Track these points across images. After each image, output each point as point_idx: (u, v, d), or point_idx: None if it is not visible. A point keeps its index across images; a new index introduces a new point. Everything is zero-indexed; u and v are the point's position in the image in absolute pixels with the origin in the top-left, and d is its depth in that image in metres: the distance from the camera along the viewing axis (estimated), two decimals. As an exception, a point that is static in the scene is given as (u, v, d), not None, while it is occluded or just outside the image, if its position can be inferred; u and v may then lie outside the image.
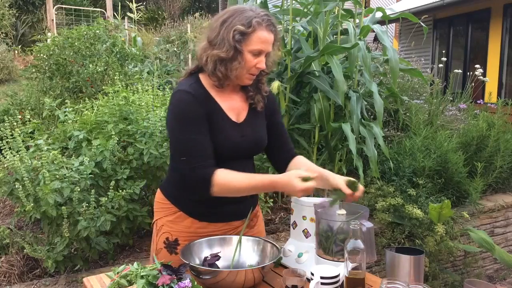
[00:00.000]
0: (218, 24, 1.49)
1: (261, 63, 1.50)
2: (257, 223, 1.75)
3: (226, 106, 1.57)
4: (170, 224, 1.63)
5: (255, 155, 1.72)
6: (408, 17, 3.57)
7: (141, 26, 11.49)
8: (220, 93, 1.57)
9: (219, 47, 1.47)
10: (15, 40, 11.57)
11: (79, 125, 3.07)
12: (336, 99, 3.26)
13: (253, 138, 1.61)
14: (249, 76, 1.54)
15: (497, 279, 4.00)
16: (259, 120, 1.65)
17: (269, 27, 1.48)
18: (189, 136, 1.48)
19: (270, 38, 1.49)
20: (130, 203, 2.79)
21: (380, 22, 4.42)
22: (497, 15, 8.23)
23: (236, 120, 1.58)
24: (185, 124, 1.49)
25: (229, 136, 1.54)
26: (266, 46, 1.49)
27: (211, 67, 1.50)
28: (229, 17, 1.48)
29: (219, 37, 1.47)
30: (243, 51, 1.47)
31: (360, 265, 1.30)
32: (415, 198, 3.43)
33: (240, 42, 1.45)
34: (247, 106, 1.63)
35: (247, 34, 1.45)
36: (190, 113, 1.49)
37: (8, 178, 2.65)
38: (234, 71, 1.49)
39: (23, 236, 2.83)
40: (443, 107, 4.84)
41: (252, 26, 1.44)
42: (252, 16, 1.46)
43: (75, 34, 4.96)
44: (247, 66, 1.49)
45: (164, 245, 1.63)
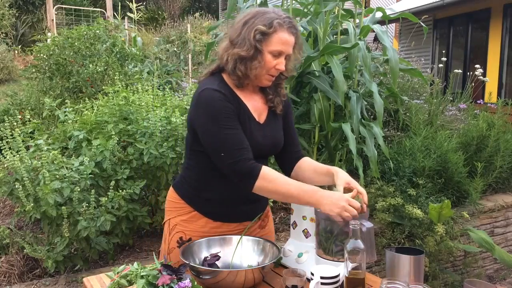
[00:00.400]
0: (240, 24, 1.51)
1: (281, 64, 1.51)
2: (268, 223, 1.76)
3: (251, 106, 1.59)
4: (184, 223, 1.63)
5: (271, 155, 1.74)
6: (408, 17, 3.57)
7: (141, 26, 11.50)
8: (243, 93, 1.58)
9: (240, 46, 1.49)
10: (15, 40, 11.57)
11: (79, 125, 3.07)
12: (336, 99, 3.26)
13: (272, 139, 1.63)
14: (268, 77, 1.55)
15: (497, 279, 4.00)
16: (278, 122, 1.67)
17: (290, 29, 1.49)
18: (227, 131, 1.47)
19: (291, 40, 1.50)
20: (130, 203, 2.79)
21: (380, 22, 4.42)
22: (497, 15, 8.23)
23: (259, 121, 1.60)
24: (220, 121, 1.47)
25: (254, 136, 1.55)
26: (286, 47, 1.50)
27: (231, 66, 1.52)
28: (251, 18, 1.50)
29: (241, 37, 1.49)
30: (263, 51, 1.48)
31: (360, 265, 1.30)
32: (415, 198, 3.43)
33: (261, 42, 1.47)
34: (267, 108, 1.64)
35: (267, 34, 1.47)
36: (223, 109, 1.48)
37: (8, 178, 2.65)
38: (254, 70, 1.50)
39: (23, 236, 2.83)
40: (443, 107, 4.84)
41: (273, 27, 1.46)
42: (274, 17, 1.47)
43: (75, 34, 4.96)
44: (266, 66, 1.50)
45: (178, 245, 1.63)
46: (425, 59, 8.11)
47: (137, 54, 5.46)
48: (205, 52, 4.31)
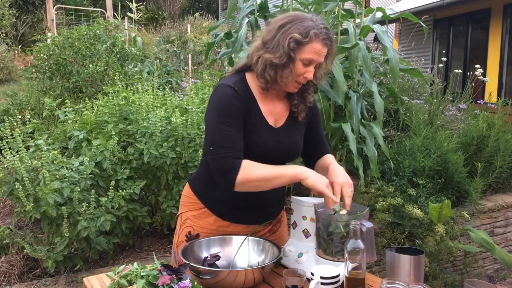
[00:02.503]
0: (275, 27, 1.48)
1: (310, 73, 1.49)
2: (280, 229, 1.75)
3: (266, 110, 1.57)
4: (194, 219, 1.65)
5: (289, 161, 1.70)
6: (408, 17, 3.57)
7: (141, 26, 11.49)
8: (263, 96, 1.56)
9: (273, 52, 1.46)
10: (15, 40, 11.56)
11: (79, 125, 3.07)
12: (336, 99, 3.26)
13: (288, 145, 1.60)
14: (296, 84, 1.53)
15: (497, 279, 4.00)
16: (297, 128, 1.64)
17: (325, 40, 1.46)
18: (222, 127, 1.47)
19: (323, 51, 1.47)
20: (130, 203, 2.79)
21: (380, 22, 4.43)
22: (497, 15, 8.23)
23: (274, 125, 1.58)
24: (221, 115, 1.48)
25: (263, 139, 1.54)
26: (318, 57, 1.47)
27: (260, 69, 1.50)
28: (288, 23, 1.46)
29: (275, 41, 1.46)
30: (296, 59, 1.46)
31: (360, 265, 1.30)
32: (415, 198, 3.43)
33: (294, 50, 1.44)
34: (288, 113, 1.62)
35: (302, 44, 1.44)
36: (229, 106, 1.48)
37: (8, 178, 2.65)
38: (285, 78, 1.49)
39: (23, 236, 2.83)
40: (443, 107, 4.84)
41: (309, 37, 1.43)
42: (311, 26, 1.44)
43: (75, 34, 4.96)
44: (296, 73, 1.48)
45: (186, 238, 1.65)
46: (425, 59, 8.11)
47: (137, 54, 5.47)
48: (205, 52, 4.31)
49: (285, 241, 1.77)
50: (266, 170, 1.45)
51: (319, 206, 1.54)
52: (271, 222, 1.70)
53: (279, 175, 1.45)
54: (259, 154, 1.53)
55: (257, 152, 1.53)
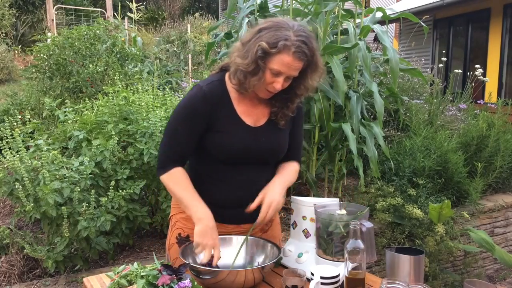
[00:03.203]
0: (255, 30, 1.46)
1: (277, 83, 1.45)
2: (271, 228, 1.74)
3: (242, 109, 1.56)
4: (183, 221, 1.64)
5: (273, 162, 1.67)
6: (408, 17, 3.57)
7: (141, 26, 11.49)
8: (241, 96, 1.56)
9: (244, 57, 1.44)
10: (15, 40, 11.56)
11: (79, 125, 3.07)
12: (336, 99, 3.26)
13: (269, 145, 1.58)
14: (267, 93, 1.51)
15: (497, 279, 4.00)
16: (279, 128, 1.61)
17: (297, 54, 1.40)
18: (177, 126, 1.54)
19: (294, 65, 1.42)
20: (130, 203, 2.79)
21: (380, 22, 4.42)
22: (497, 15, 8.23)
23: (252, 124, 1.57)
24: (181, 115, 1.54)
25: (240, 139, 1.53)
26: (286, 69, 1.42)
27: (232, 71, 1.50)
28: (265, 28, 1.43)
29: (248, 46, 1.44)
30: (264, 67, 1.43)
31: (360, 265, 1.30)
32: (415, 198, 3.43)
33: (262, 59, 1.41)
34: (269, 116, 1.60)
35: (269, 54, 1.40)
36: (190, 108, 1.52)
37: (8, 178, 2.65)
38: (252, 85, 1.47)
39: (23, 236, 2.83)
40: (443, 107, 4.85)
41: (277, 48, 1.39)
42: (283, 37, 1.39)
43: (75, 34, 4.95)
44: (265, 82, 1.46)
45: (176, 241, 1.65)
46: (425, 59, 8.11)
47: (137, 54, 5.46)
48: (205, 52, 4.31)
49: (278, 240, 1.77)
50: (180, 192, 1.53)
51: (319, 206, 1.54)
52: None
53: (184, 205, 1.53)
54: (238, 153, 1.54)
55: (235, 151, 1.53)
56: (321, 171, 3.90)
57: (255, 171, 1.58)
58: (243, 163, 1.56)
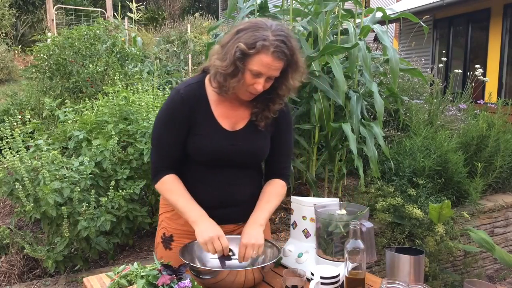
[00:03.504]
0: (233, 32, 1.44)
1: (258, 85, 1.43)
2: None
3: (221, 113, 1.55)
4: (168, 220, 1.66)
5: (254, 165, 1.65)
6: (408, 17, 3.57)
7: (141, 26, 11.49)
8: (220, 98, 1.54)
9: (223, 59, 1.43)
10: (15, 40, 11.56)
11: (79, 125, 3.07)
12: (336, 99, 3.26)
13: (247, 148, 1.56)
14: (249, 94, 1.49)
15: (497, 279, 4.00)
16: (259, 132, 1.58)
17: (276, 53, 1.38)
18: (160, 132, 1.56)
19: (274, 64, 1.40)
20: (130, 203, 2.79)
21: (380, 22, 4.42)
22: (497, 15, 8.23)
23: (230, 128, 1.55)
24: (162, 121, 1.56)
25: (215, 143, 1.52)
26: (266, 70, 1.41)
27: (212, 73, 1.49)
28: (244, 29, 1.42)
29: (226, 47, 1.43)
30: (244, 68, 1.41)
31: (360, 265, 1.30)
32: (415, 198, 3.43)
33: (241, 60, 1.40)
34: (249, 118, 1.58)
35: (248, 55, 1.39)
36: (170, 113, 1.54)
37: (8, 178, 2.65)
38: (232, 88, 1.46)
39: (23, 236, 2.83)
40: (443, 107, 4.85)
41: (255, 48, 1.37)
42: (261, 37, 1.38)
43: (75, 34, 4.95)
44: (245, 83, 1.44)
45: (161, 240, 1.66)
46: (425, 59, 8.10)
47: (137, 54, 5.46)
48: (205, 52, 4.31)
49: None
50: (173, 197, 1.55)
51: (319, 206, 1.54)
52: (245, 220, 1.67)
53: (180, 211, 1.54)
54: (214, 157, 1.54)
55: (211, 155, 1.53)
56: (321, 171, 3.90)
57: (235, 173, 1.57)
58: (222, 166, 1.56)
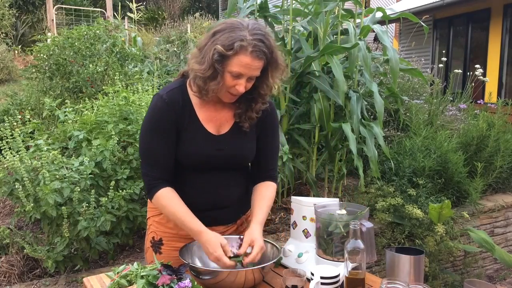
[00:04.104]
0: (210, 34, 1.42)
1: (240, 86, 1.41)
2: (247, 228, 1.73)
3: (205, 117, 1.53)
4: (156, 224, 1.64)
5: (242, 167, 1.64)
6: (408, 17, 3.57)
7: (141, 26, 11.49)
8: (203, 102, 1.52)
9: (201, 63, 1.40)
10: (15, 40, 11.56)
11: (79, 125, 3.07)
12: (336, 99, 3.26)
13: (232, 153, 1.55)
14: (229, 95, 1.47)
15: (497, 279, 4.00)
16: (244, 135, 1.57)
17: (256, 53, 1.36)
18: (149, 142, 1.51)
19: (254, 64, 1.38)
20: (130, 203, 2.79)
21: (380, 22, 4.42)
22: (497, 15, 8.23)
23: (216, 132, 1.54)
24: (149, 130, 1.51)
25: (201, 148, 1.51)
26: (247, 70, 1.39)
27: (191, 77, 1.46)
28: (220, 31, 1.39)
29: (204, 50, 1.41)
30: (223, 71, 1.39)
31: (360, 265, 1.30)
32: (415, 198, 3.43)
33: (220, 62, 1.37)
34: (234, 120, 1.56)
35: (226, 57, 1.37)
36: (156, 121, 1.49)
37: (8, 178, 2.65)
38: (212, 90, 1.43)
39: (23, 236, 2.83)
40: (443, 107, 4.85)
41: (233, 49, 1.35)
42: (238, 38, 1.35)
43: (75, 34, 4.95)
44: (226, 85, 1.42)
45: (150, 244, 1.65)
46: (425, 59, 8.11)
47: (137, 54, 5.46)
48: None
49: None
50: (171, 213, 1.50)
51: (319, 206, 1.54)
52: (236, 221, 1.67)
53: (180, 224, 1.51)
54: (200, 162, 1.53)
55: (198, 160, 1.52)
56: (321, 171, 3.90)
57: (222, 176, 1.57)
58: (210, 169, 1.55)
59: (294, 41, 3.57)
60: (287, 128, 3.46)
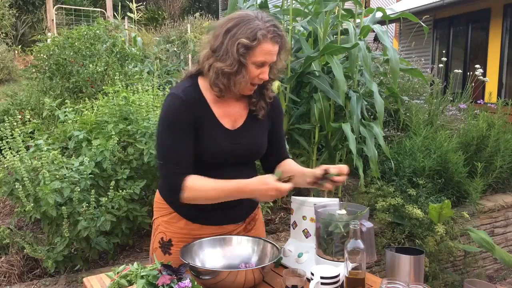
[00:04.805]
0: (222, 32, 1.44)
1: (264, 74, 1.47)
2: (255, 227, 1.73)
3: (221, 113, 1.54)
4: (165, 224, 1.63)
5: (253, 161, 1.68)
6: (408, 17, 3.57)
7: (141, 26, 11.48)
8: (216, 99, 1.54)
9: (223, 60, 1.43)
10: (15, 40, 11.56)
11: (79, 125, 3.07)
12: (337, 99, 3.26)
13: (248, 146, 1.58)
14: (251, 87, 1.51)
15: (497, 279, 4.00)
16: (258, 127, 1.61)
17: (275, 38, 1.43)
18: (169, 142, 1.49)
19: (274, 50, 1.45)
20: (130, 203, 2.79)
21: (380, 22, 4.42)
22: (497, 15, 8.23)
23: (231, 127, 1.55)
24: (168, 130, 1.49)
25: (219, 143, 1.52)
26: (270, 57, 1.45)
27: (213, 78, 1.47)
28: (234, 26, 1.42)
29: (223, 49, 1.43)
30: (247, 63, 1.43)
31: (360, 265, 1.30)
32: (415, 198, 3.43)
33: (245, 55, 1.41)
34: (247, 112, 1.59)
35: (251, 48, 1.41)
36: (176, 120, 1.48)
37: (8, 178, 2.65)
38: (238, 84, 1.47)
39: (23, 236, 2.83)
40: (443, 107, 4.85)
41: (257, 39, 1.40)
42: (257, 27, 1.40)
43: (75, 34, 4.96)
44: (250, 77, 1.46)
45: (159, 245, 1.64)
46: (425, 59, 8.11)
47: (137, 54, 5.46)
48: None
49: None
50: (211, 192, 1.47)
51: (319, 206, 1.54)
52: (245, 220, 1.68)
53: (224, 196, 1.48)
54: (218, 158, 1.53)
55: (215, 157, 1.52)
56: (321, 171, 3.89)
57: (235, 172, 1.56)
58: (223, 165, 1.55)
59: (294, 41, 3.57)
60: (287, 128, 3.46)
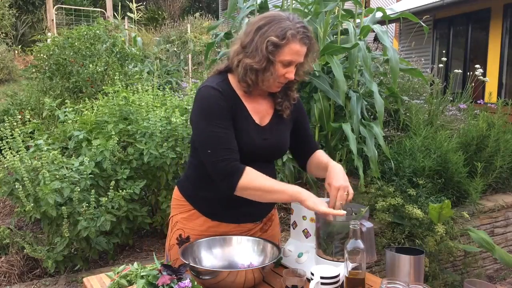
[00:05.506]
0: (253, 30, 1.48)
1: (290, 73, 1.50)
2: (271, 227, 1.74)
3: (252, 108, 1.58)
4: (184, 221, 1.64)
5: (275, 159, 1.73)
6: (408, 17, 3.57)
7: (141, 26, 11.49)
8: (246, 95, 1.57)
9: (252, 56, 1.47)
10: (15, 40, 11.55)
11: (79, 125, 3.07)
12: (337, 99, 3.26)
13: (275, 143, 1.61)
14: (278, 85, 1.54)
15: (497, 279, 4.00)
16: (282, 126, 1.65)
17: (303, 39, 1.47)
18: (214, 129, 1.47)
19: (302, 50, 1.48)
20: (130, 203, 2.79)
21: (380, 22, 4.42)
22: (497, 15, 8.23)
23: (259, 123, 1.59)
24: (210, 118, 1.48)
25: (251, 138, 1.54)
26: (297, 57, 1.48)
27: (241, 73, 1.50)
28: (265, 24, 1.47)
29: (253, 45, 1.47)
30: (275, 61, 1.47)
31: (360, 265, 1.30)
32: (415, 198, 3.43)
33: (273, 53, 1.45)
34: (272, 111, 1.63)
35: (280, 46, 1.45)
36: (216, 107, 1.49)
37: (8, 178, 2.65)
38: (266, 81, 1.51)
39: (23, 236, 2.83)
40: (443, 107, 4.85)
41: (286, 38, 1.44)
42: (288, 27, 1.45)
43: (75, 34, 4.96)
44: (277, 75, 1.50)
45: (177, 242, 1.64)
46: (425, 59, 8.11)
47: (137, 54, 5.46)
48: (205, 52, 4.31)
49: (278, 239, 1.78)
50: (268, 182, 1.47)
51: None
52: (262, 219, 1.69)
53: (278, 190, 1.47)
54: (248, 152, 1.53)
55: (246, 150, 1.53)
56: (321, 171, 3.89)
57: (261, 169, 1.56)
58: (249, 162, 1.54)
59: (294, 41, 3.56)
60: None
